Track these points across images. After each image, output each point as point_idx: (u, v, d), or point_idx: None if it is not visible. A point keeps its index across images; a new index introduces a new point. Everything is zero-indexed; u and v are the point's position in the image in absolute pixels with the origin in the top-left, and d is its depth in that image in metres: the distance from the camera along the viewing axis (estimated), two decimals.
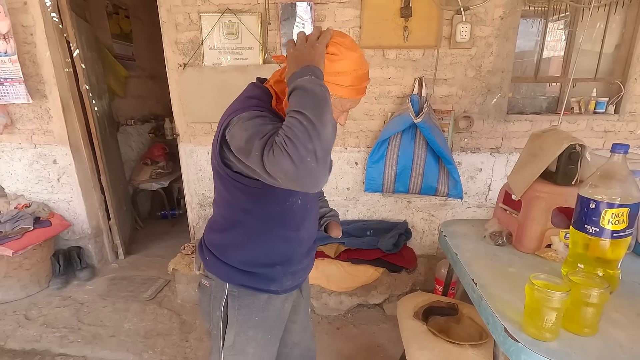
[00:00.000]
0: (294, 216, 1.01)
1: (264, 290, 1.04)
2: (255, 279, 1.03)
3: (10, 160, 2.74)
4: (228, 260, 1.02)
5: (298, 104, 0.73)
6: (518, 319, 0.91)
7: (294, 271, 1.08)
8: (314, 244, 1.17)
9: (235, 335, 1.04)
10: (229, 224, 1.01)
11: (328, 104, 0.75)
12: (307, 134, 0.69)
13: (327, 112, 0.73)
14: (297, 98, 0.74)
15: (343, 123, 0.97)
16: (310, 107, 0.72)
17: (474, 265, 1.21)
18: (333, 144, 0.76)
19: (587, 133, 2.35)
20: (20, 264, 2.51)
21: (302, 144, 0.69)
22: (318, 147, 0.70)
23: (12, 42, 2.41)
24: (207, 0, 2.30)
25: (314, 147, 0.69)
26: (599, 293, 0.83)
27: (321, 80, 0.77)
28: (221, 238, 1.04)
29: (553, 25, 2.36)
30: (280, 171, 0.71)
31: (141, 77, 4.16)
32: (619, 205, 0.94)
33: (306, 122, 0.70)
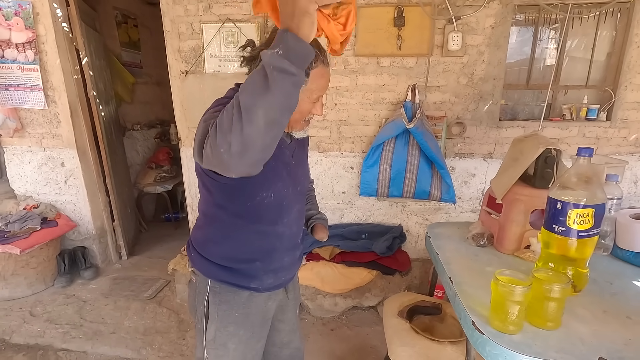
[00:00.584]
0: (268, 211, 1.03)
1: (245, 287, 1.07)
2: (236, 275, 1.06)
3: (21, 163, 2.86)
4: (209, 256, 1.06)
5: (244, 84, 0.66)
6: (486, 314, 0.95)
7: (275, 269, 1.10)
8: (299, 243, 1.19)
9: (216, 330, 1.08)
10: (207, 220, 1.06)
11: (274, 95, 0.63)
12: (229, 123, 0.65)
13: (264, 106, 0.63)
14: (250, 75, 0.66)
15: (320, 113, 1.00)
16: (249, 93, 0.64)
17: (453, 264, 1.26)
18: (266, 142, 0.67)
19: (579, 139, 2.39)
20: (27, 262, 2.60)
21: (222, 133, 0.66)
22: (235, 141, 0.65)
23: (32, 52, 2.55)
24: (209, 11, 2.41)
25: (230, 139, 0.65)
26: (560, 288, 0.87)
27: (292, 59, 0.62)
28: (202, 234, 1.09)
29: (544, 33, 2.41)
30: (197, 155, 0.74)
31: (148, 83, 4.30)
32: (584, 205, 0.98)
33: (235, 110, 0.64)
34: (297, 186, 1.11)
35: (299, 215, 1.16)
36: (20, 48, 2.55)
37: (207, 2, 2.40)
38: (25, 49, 2.55)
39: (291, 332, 1.30)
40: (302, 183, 1.14)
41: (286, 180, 1.04)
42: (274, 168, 0.99)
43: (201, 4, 2.40)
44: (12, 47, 2.54)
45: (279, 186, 1.02)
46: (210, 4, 2.40)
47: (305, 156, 1.20)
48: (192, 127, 2.61)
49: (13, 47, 2.54)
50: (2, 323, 2.34)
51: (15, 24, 2.49)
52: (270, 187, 1.00)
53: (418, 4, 2.21)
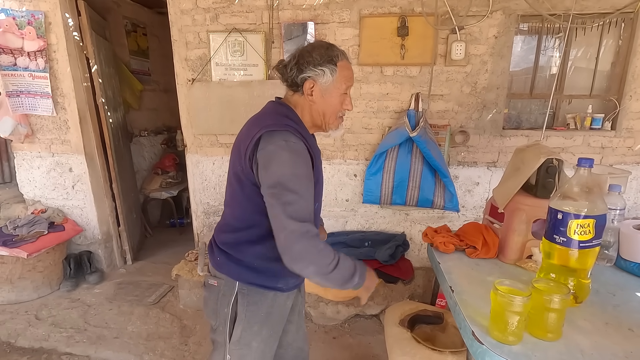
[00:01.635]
0: (316, 218, 1.13)
1: (272, 287, 1.13)
2: (263, 276, 1.11)
3: (30, 168, 2.92)
4: (241, 257, 1.10)
5: (344, 278, 1.02)
6: (486, 324, 0.95)
7: None
8: None
9: (242, 331, 1.12)
10: (243, 225, 1.10)
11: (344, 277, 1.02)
12: (317, 273, 0.99)
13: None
14: (341, 276, 1.01)
15: (350, 108, 1.13)
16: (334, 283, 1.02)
17: (454, 273, 1.26)
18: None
19: (584, 149, 2.38)
20: (34, 266, 2.64)
21: (316, 273, 0.99)
22: (313, 272, 0.99)
23: (42, 60, 2.62)
24: (216, 21, 2.45)
25: (312, 271, 0.99)
26: (560, 299, 0.87)
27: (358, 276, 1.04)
28: (234, 237, 1.12)
29: (548, 43, 2.42)
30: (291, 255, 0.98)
31: (156, 90, 4.37)
32: (584, 216, 0.98)
33: (320, 278, 1.00)
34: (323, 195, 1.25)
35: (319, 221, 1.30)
36: (32, 56, 2.62)
37: (214, 12, 2.45)
38: (37, 57, 2.62)
39: (295, 332, 1.34)
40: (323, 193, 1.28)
41: (321, 191, 1.19)
42: (318, 181, 1.12)
43: (208, 14, 2.46)
44: (24, 55, 2.61)
45: (319, 197, 1.16)
46: (217, 14, 2.45)
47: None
48: (198, 133, 2.65)
49: (25, 55, 2.61)
50: (8, 326, 2.36)
51: (27, 33, 2.56)
52: (317, 199, 1.10)
53: (421, 14, 2.24)
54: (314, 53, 1.07)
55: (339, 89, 1.09)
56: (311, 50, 1.08)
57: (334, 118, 1.13)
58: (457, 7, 2.24)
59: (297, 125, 1.07)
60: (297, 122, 1.09)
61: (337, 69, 1.07)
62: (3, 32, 2.52)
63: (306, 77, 1.07)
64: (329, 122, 1.13)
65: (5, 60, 2.58)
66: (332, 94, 1.09)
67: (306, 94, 1.09)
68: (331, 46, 1.10)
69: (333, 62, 1.07)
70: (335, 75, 1.07)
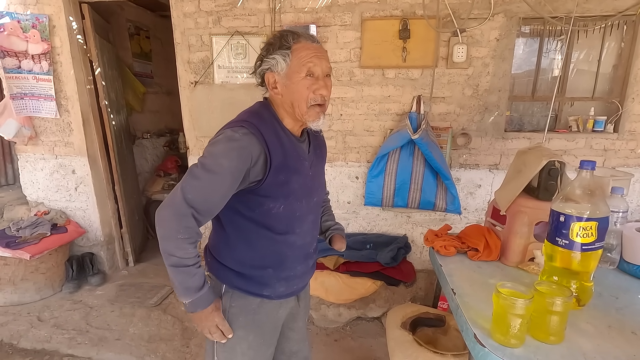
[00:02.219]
0: (278, 222, 1.04)
1: (257, 294, 1.09)
2: (249, 282, 1.08)
3: (33, 170, 2.93)
4: (223, 260, 1.09)
5: (179, 282, 1.00)
6: (488, 326, 0.95)
7: (287, 277, 1.11)
8: (312, 253, 1.19)
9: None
10: (222, 224, 1.09)
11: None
12: (164, 251, 0.98)
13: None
14: (183, 286, 1.00)
15: (325, 93, 1.00)
16: (177, 281, 1.01)
17: (455, 276, 1.25)
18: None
19: (586, 151, 2.37)
20: (37, 268, 2.65)
21: (160, 239, 0.98)
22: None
23: (46, 63, 2.64)
24: (218, 24, 2.47)
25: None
26: (563, 302, 0.87)
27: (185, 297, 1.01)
28: (217, 238, 1.11)
29: (550, 45, 2.42)
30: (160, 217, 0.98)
31: (158, 93, 4.39)
32: (587, 219, 0.98)
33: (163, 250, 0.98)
34: (313, 197, 1.12)
35: (313, 225, 1.17)
36: (36, 59, 2.64)
37: (217, 15, 2.46)
38: (41, 60, 2.64)
39: (300, 341, 1.30)
40: (318, 194, 1.16)
41: (299, 193, 1.06)
42: (286, 182, 1.02)
43: (211, 17, 2.47)
44: (29, 58, 2.63)
45: (290, 199, 1.04)
46: (220, 17, 2.47)
47: (322, 167, 1.21)
48: (201, 136, 2.66)
49: (29, 58, 2.63)
50: (11, 327, 2.37)
51: (32, 36, 2.58)
52: (279, 200, 1.02)
53: (423, 17, 2.24)
54: (268, 42, 1.01)
55: (299, 73, 0.96)
56: (267, 41, 1.02)
57: (305, 107, 0.99)
58: (459, 10, 2.25)
59: (261, 122, 0.99)
60: (265, 119, 1.01)
61: (291, 52, 0.96)
62: (8, 35, 2.54)
63: (265, 69, 1.01)
64: (302, 113, 1.00)
65: (10, 63, 2.60)
66: (293, 80, 0.97)
67: (270, 88, 1.02)
68: (287, 31, 1.01)
69: (285, 47, 0.97)
70: (289, 60, 0.97)
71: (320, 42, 1.03)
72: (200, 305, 1.01)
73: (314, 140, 1.15)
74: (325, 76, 1.00)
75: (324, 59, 0.99)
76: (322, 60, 0.98)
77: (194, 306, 1.01)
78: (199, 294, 1.00)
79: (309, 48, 0.97)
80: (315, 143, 1.16)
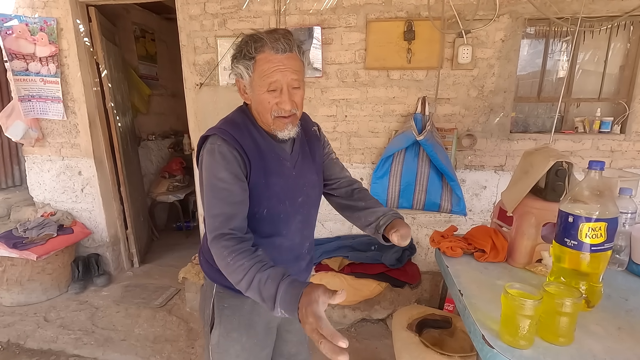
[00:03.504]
0: (262, 225, 1.03)
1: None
2: None
3: (40, 172, 2.96)
4: (212, 262, 1.06)
5: (260, 296, 0.85)
6: (497, 328, 0.94)
7: None
8: (305, 254, 1.17)
9: (219, 336, 1.09)
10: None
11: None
12: (235, 281, 0.89)
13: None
14: (264, 298, 0.85)
15: (286, 107, 0.95)
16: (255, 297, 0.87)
17: (462, 277, 1.25)
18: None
19: (592, 152, 2.35)
20: (43, 269, 2.67)
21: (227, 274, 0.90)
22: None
23: (54, 65, 2.66)
24: (224, 26, 2.48)
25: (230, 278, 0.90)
26: (572, 303, 0.86)
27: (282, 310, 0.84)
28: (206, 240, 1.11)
29: (555, 46, 2.41)
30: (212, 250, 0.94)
31: (163, 95, 4.42)
32: (596, 219, 0.97)
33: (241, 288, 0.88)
34: (298, 197, 1.08)
35: (302, 226, 1.12)
36: (44, 61, 2.67)
37: (222, 18, 2.48)
38: (48, 62, 2.67)
39: (299, 343, 1.29)
40: (304, 194, 1.10)
41: (281, 195, 1.03)
42: (266, 185, 1.00)
43: (216, 20, 2.49)
44: (36, 60, 2.66)
45: (273, 202, 1.02)
46: (225, 20, 2.48)
47: (312, 164, 1.14)
48: None
49: (37, 60, 2.66)
50: (18, 328, 2.39)
51: (40, 39, 2.61)
52: (262, 203, 1.00)
53: (428, 19, 2.24)
54: (236, 47, 0.97)
55: (261, 88, 0.93)
56: (237, 45, 0.97)
57: (270, 119, 0.97)
58: (464, 11, 2.25)
59: (234, 128, 0.99)
60: (238, 124, 1.01)
61: (254, 64, 0.92)
62: (16, 38, 2.57)
63: (233, 75, 0.99)
64: (268, 124, 0.99)
65: (18, 66, 2.63)
66: (256, 92, 0.95)
67: (241, 93, 1.01)
68: (251, 37, 0.94)
69: (248, 57, 0.92)
70: (252, 72, 0.93)
71: (290, 48, 0.92)
72: (289, 308, 0.83)
73: (301, 137, 1.11)
74: (292, 88, 0.95)
75: (288, 71, 0.93)
76: (285, 74, 0.92)
77: (289, 312, 0.83)
78: (279, 303, 0.83)
79: (272, 60, 0.91)
80: (302, 140, 1.12)
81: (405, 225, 1.02)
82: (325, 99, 2.51)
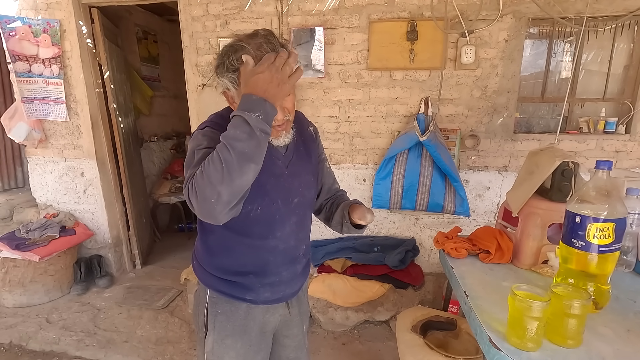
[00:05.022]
0: (257, 226, 1.00)
1: (241, 298, 1.05)
2: (232, 286, 1.05)
3: (43, 173, 2.96)
4: (206, 267, 1.07)
5: (232, 137, 0.75)
6: (503, 330, 0.93)
7: (272, 282, 1.07)
8: (301, 257, 1.14)
9: (213, 342, 1.07)
10: (204, 231, 1.07)
11: (262, 151, 0.78)
12: (220, 176, 0.75)
13: (254, 160, 0.77)
14: (234, 129, 0.76)
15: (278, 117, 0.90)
16: (240, 149, 0.75)
17: (468, 278, 1.24)
18: (247, 187, 0.80)
19: (597, 152, 2.34)
20: (46, 270, 2.66)
21: (211, 185, 0.75)
22: (225, 192, 0.76)
23: (57, 67, 2.67)
24: (226, 27, 2.48)
25: (220, 190, 0.75)
26: (581, 304, 0.85)
27: (268, 125, 0.77)
28: (200, 245, 1.10)
29: (559, 46, 2.40)
30: (188, 201, 0.82)
31: (165, 96, 4.42)
32: (604, 219, 0.96)
33: (227, 163, 0.75)
34: (293, 198, 1.05)
35: (298, 228, 1.09)
36: (47, 63, 2.67)
37: (225, 19, 2.48)
38: (51, 63, 2.68)
39: (297, 348, 1.25)
40: (299, 194, 1.07)
41: (273, 194, 1.01)
42: (257, 182, 0.95)
43: (219, 21, 2.49)
44: (39, 62, 2.66)
45: (266, 200, 1.00)
46: (228, 21, 2.48)
47: (307, 165, 1.11)
48: None
49: (40, 62, 2.66)
50: (20, 329, 2.38)
51: (43, 41, 2.62)
52: (255, 201, 0.97)
53: (431, 19, 2.24)
54: (218, 58, 0.92)
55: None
56: (218, 55, 0.93)
57: None
58: (467, 11, 2.24)
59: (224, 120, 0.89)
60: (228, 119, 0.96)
61: (240, 75, 0.88)
62: (19, 40, 2.58)
63: (220, 86, 0.95)
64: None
65: (21, 67, 2.64)
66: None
67: (230, 103, 0.98)
68: (232, 47, 0.89)
69: (231, 69, 0.88)
70: (237, 85, 0.90)
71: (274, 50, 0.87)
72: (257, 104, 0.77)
73: (296, 138, 1.07)
74: None
75: None
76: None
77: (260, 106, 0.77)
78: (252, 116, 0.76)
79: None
80: (297, 141, 1.08)
81: (359, 206, 1.06)
82: (328, 99, 2.50)
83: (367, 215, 1.02)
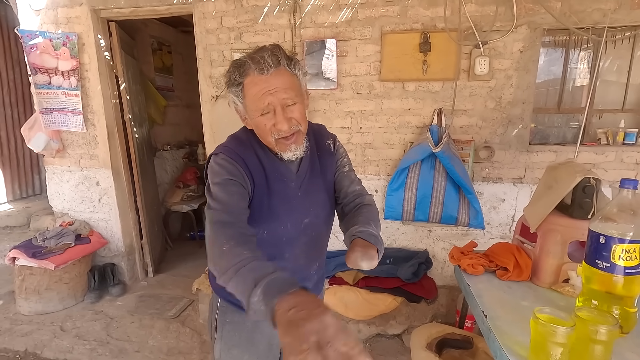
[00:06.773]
0: (264, 247, 0.93)
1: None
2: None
3: (60, 182, 3.02)
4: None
5: (234, 291, 0.76)
6: (524, 354, 0.90)
7: None
8: (312, 274, 1.13)
9: (220, 351, 1.08)
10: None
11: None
12: (214, 268, 0.81)
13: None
14: (240, 295, 0.73)
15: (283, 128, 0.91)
16: (236, 293, 0.76)
17: (485, 297, 1.21)
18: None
19: (617, 165, 2.28)
20: (61, 278, 2.70)
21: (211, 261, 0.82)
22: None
23: (75, 79, 2.74)
24: (239, 39, 2.52)
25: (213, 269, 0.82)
26: (607, 330, 0.82)
27: (267, 311, 0.67)
28: None
29: (574, 56, 2.36)
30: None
31: (178, 106, 4.49)
32: (630, 241, 0.93)
33: (218, 272, 0.79)
34: (304, 219, 1.04)
35: (308, 247, 1.07)
36: (66, 75, 2.74)
37: (238, 32, 2.51)
38: (70, 76, 2.75)
39: None
40: (314, 214, 1.06)
41: (283, 217, 1.00)
42: (268, 206, 0.98)
43: (232, 33, 2.52)
44: (59, 74, 2.74)
45: (273, 225, 0.99)
46: (241, 33, 2.52)
47: (322, 183, 1.09)
48: None
49: (59, 74, 2.74)
50: (35, 337, 2.41)
51: (62, 54, 2.69)
52: (261, 226, 0.97)
53: (444, 30, 2.23)
54: (225, 75, 0.96)
55: (255, 112, 0.92)
56: (226, 72, 0.96)
57: (272, 140, 0.94)
58: (481, 22, 2.22)
59: (239, 145, 0.99)
60: (243, 142, 1.00)
61: (243, 89, 0.92)
62: (40, 53, 2.66)
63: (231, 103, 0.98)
64: (271, 146, 0.97)
65: (41, 80, 2.72)
66: (252, 117, 0.94)
67: (242, 119, 1.01)
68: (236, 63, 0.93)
69: (236, 84, 0.92)
70: (243, 98, 0.93)
71: (277, 63, 0.89)
72: (272, 296, 0.67)
73: (312, 153, 1.06)
74: (286, 106, 0.91)
75: (278, 92, 0.89)
76: (275, 95, 0.89)
77: (268, 300, 0.68)
78: (265, 280, 0.70)
79: (258, 83, 0.89)
80: (313, 157, 1.07)
81: (358, 249, 0.85)
82: (340, 110, 2.51)
83: (360, 262, 0.83)
